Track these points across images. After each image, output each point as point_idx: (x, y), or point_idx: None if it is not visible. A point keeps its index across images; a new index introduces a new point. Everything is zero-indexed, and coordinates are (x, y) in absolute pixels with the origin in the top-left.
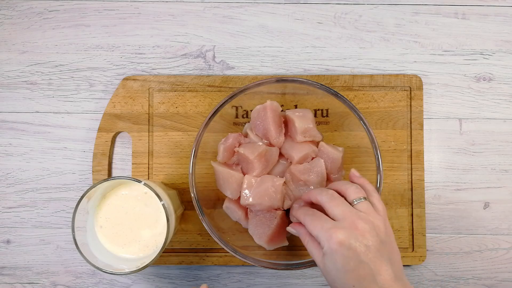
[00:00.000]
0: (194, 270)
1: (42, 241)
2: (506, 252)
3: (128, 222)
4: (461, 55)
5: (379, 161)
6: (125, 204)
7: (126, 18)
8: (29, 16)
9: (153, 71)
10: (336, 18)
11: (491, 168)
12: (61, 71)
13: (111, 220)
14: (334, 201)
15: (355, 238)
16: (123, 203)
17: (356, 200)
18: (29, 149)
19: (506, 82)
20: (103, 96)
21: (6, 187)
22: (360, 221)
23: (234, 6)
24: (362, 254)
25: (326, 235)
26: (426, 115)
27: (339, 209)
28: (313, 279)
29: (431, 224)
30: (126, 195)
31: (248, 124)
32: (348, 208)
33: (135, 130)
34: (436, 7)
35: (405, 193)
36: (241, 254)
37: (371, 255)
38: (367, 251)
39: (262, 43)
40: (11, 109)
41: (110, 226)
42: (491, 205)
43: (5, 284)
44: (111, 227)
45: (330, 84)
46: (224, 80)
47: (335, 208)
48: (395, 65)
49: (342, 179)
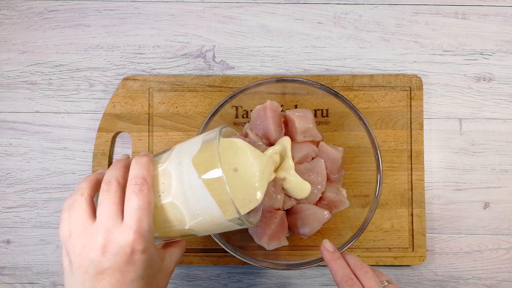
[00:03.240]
0: (194, 270)
1: (42, 241)
2: (506, 252)
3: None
4: (461, 55)
5: (379, 161)
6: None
7: (126, 18)
8: (29, 16)
9: (153, 71)
10: (336, 18)
11: (491, 168)
12: (61, 71)
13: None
14: (367, 278)
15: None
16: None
17: (388, 281)
18: (29, 149)
19: (506, 82)
20: (103, 96)
21: (6, 187)
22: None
23: (234, 6)
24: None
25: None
26: (426, 115)
27: (372, 284)
28: (313, 279)
29: (431, 224)
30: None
31: (248, 124)
32: (379, 285)
33: (135, 130)
34: (436, 7)
35: (405, 193)
36: (241, 254)
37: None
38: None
39: (262, 43)
40: (11, 109)
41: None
42: (491, 205)
43: (5, 284)
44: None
45: (330, 84)
46: (224, 80)
47: (368, 283)
48: (395, 65)
49: (342, 179)
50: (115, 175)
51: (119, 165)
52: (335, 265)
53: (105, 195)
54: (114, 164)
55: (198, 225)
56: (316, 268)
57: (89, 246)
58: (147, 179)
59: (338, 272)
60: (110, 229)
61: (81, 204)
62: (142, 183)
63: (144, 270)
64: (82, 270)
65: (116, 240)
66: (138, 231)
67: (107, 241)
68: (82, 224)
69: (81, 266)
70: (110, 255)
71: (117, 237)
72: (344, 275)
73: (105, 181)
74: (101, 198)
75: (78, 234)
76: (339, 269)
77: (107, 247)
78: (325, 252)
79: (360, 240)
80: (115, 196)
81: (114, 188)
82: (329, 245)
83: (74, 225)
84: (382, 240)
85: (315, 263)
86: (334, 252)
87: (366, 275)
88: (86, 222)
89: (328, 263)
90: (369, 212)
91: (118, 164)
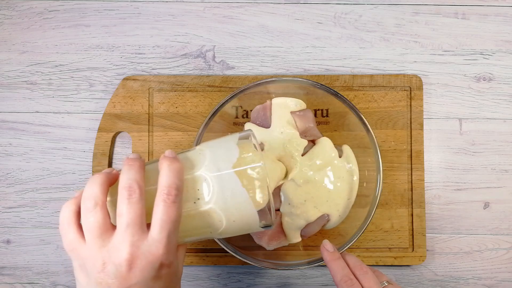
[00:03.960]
0: (194, 270)
1: (42, 241)
2: (506, 252)
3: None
4: (461, 55)
5: (379, 161)
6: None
7: (126, 18)
8: (29, 16)
9: (153, 71)
10: (336, 18)
11: (491, 168)
12: (61, 71)
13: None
14: (367, 279)
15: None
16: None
17: (388, 281)
18: (29, 149)
19: (506, 82)
20: (103, 96)
21: (6, 187)
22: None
23: (234, 6)
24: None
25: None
26: (426, 115)
27: (371, 285)
28: (313, 279)
29: (431, 224)
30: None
31: (248, 124)
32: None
33: (135, 130)
34: (436, 7)
35: (405, 193)
36: (241, 254)
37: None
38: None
39: (262, 43)
40: (11, 109)
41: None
42: (491, 205)
43: (5, 284)
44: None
45: (330, 84)
46: (224, 80)
47: (367, 283)
48: (395, 65)
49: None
50: (135, 179)
51: (137, 166)
52: (335, 265)
53: (127, 203)
54: (130, 165)
55: (227, 230)
56: (316, 268)
57: (112, 261)
58: (180, 190)
59: (338, 273)
60: (136, 243)
61: (97, 214)
62: (177, 194)
63: (169, 283)
64: (104, 286)
65: (144, 255)
66: (167, 246)
67: (133, 256)
68: (101, 236)
69: (102, 282)
70: (138, 271)
71: (145, 252)
72: (344, 276)
73: (126, 186)
74: (121, 207)
75: (98, 249)
76: (338, 270)
77: (134, 262)
78: (325, 253)
79: (360, 240)
80: (138, 205)
81: (137, 196)
82: (329, 246)
83: (92, 237)
84: (382, 240)
85: (315, 263)
86: (334, 252)
87: (366, 275)
88: (105, 235)
89: (328, 263)
90: (369, 212)
91: (135, 164)
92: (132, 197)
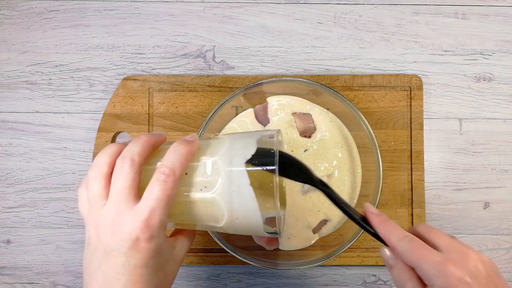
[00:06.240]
0: (194, 270)
1: (42, 241)
2: (506, 252)
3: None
4: (461, 55)
5: (379, 161)
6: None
7: (126, 18)
8: (29, 16)
9: (153, 71)
10: (336, 18)
11: (491, 168)
12: (61, 71)
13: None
14: (433, 231)
15: (472, 272)
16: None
17: (451, 235)
18: (29, 149)
19: (506, 82)
20: (103, 96)
21: (6, 187)
22: (470, 251)
23: (234, 6)
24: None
25: (437, 269)
26: (426, 115)
27: (444, 239)
28: (313, 279)
29: (431, 224)
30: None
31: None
32: (451, 238)
33: (135, 130)
34: (436, 7)
35: (405, 193)
36: (241, 254)
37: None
38: (487, 285)
39: (262, 43)
40: (11, 109)
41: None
42: (491, 205)
43: (5, 284)
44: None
45: (330, 84)
46: (224, 80)
47: (437, 238)
48: (395, 65)
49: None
50: (132, 152)
51: (141, 141)
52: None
53: (119, 173)
54: (138, 138)
55: (230, 226)
56: (316, 268)
57: (100, 226)
58: (176, 172)
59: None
60: (121, 212)
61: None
62: (169, 174)
63: (149, 259)
64: (93, 247)
65: (124, 224)
66: (147, 221)
67: (115, 223)
68: (96, 203)
69: (93, 243)
70: (118, 238)
71: (126, 221)
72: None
73: (121, 156)
74: (114, 175)
75: (93, 213)
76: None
77: (115, 229)
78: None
79: (360, 240)
80: (128, 176)
81: (127, 168)
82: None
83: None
84: None
85: (315, 263)
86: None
87: (431, 230)
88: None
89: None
90: None
91: (142, 139)
92: (123, 168)
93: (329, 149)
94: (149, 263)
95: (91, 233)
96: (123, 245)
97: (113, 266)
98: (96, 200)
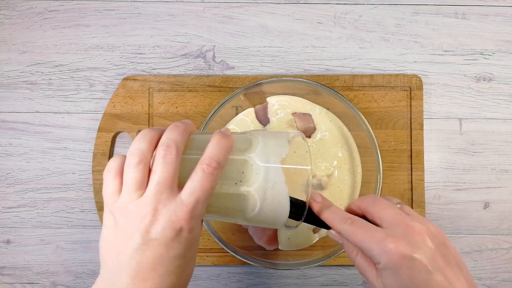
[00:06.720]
0: (194, 270)
1: (42, 241)
2: (506, 252)
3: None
4: (461, 55)
5: (379, 161)
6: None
7: (126, 18)
8: (29, 16)
9: (153, 71)
10: (336, 18)
11: (491, 168)
12: (61, 71)
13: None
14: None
15: (416, 246)
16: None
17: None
18: (29, 149)
19: (506, 82)
20: (103, 96)
21: (6, 187)
22: (415, 223)
23: (234, 6)
24: (430, 263)
25: (380, 247)
26: (426, 115)
27: (387, 212)
28: (313, 279)
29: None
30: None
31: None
32: (396, 210)
33: (135, 130)
34: (436, 7)
35: (405, 193)
36: (241, 254)
37: (440, 262)
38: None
39: (262, 43)
40: (11, 109)
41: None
42: (491, 205)
43: (5, 284)
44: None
45: (330, 84)
46: (224, 80)
47: (382, 212)
48: (395, 65)
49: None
50: (175, 140)
51: (181, 128)
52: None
53: (162, 161)
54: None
55: (255, 218)
56: (316, 268)
57: (139, 215)
58: (221, 165)
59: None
60: (164, 201)
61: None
62: (216, 167)
63: (187, 249)
64: (126, 235)
65: (167, 214)
66: (192, 211)
67: (158, 212)
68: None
69: (126, 231)
70: (159, 227)
71: (169, 211)
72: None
73: (163, 144)
74: (156, 163)
75: (130, 200)
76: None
77: (156, 218)
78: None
79: None
80: (172, 166)
81: (172, 156)
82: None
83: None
84: None
85: (315, 263)
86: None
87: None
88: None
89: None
90: None
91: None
92: (167, 156)
93: (329, 149)
94: (187, 253)
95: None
96: (165, 234)
97: (150, 256)
98: (134, 188)
